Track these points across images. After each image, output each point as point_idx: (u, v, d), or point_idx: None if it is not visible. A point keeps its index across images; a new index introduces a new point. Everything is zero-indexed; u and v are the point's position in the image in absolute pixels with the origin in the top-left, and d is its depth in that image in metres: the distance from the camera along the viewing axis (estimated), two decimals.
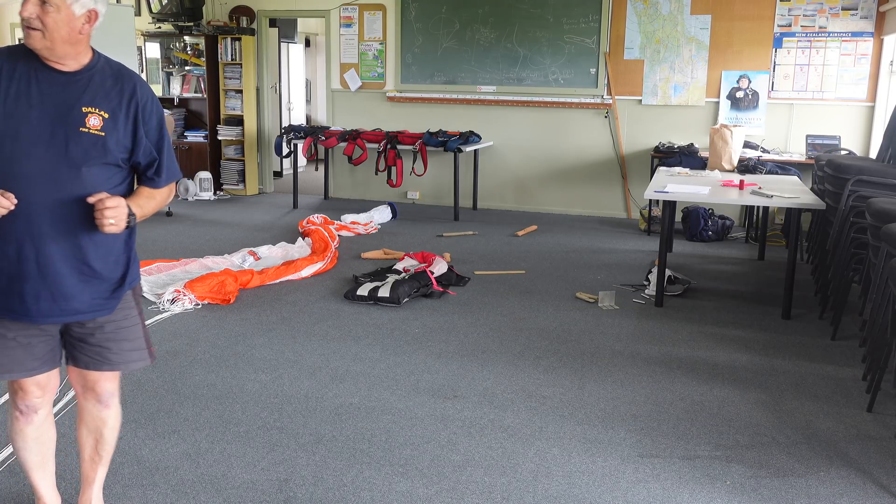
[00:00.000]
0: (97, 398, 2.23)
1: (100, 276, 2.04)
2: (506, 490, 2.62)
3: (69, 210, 1.95)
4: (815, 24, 6.88)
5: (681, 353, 3.94)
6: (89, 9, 1.96)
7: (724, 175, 5.69)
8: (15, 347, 2.04)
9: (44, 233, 1.95)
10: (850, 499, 2.61)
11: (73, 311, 2.03)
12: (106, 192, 1.96)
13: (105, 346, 2.12)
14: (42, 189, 1.92)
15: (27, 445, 2.22)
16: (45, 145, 1.92)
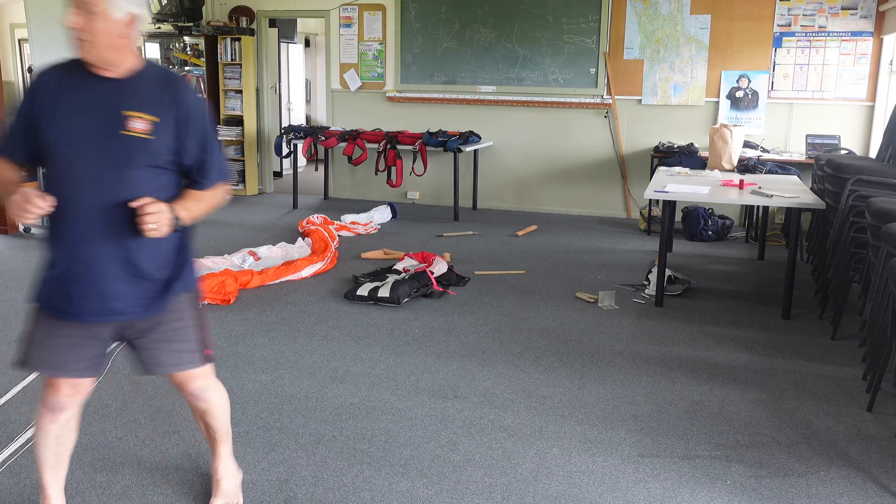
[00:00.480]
0: (190, 395, 2.31)
1: (147, 276, 2.08)
2: (506, 490, 2.62)
3: (117, 213, 2.00)
4: (814, 24, 6.88)
5: (681, 353, 3.94)
6: (129, 13, 2.01)
7: (724, 175, 5.69)
8: (64, 346, 2.08)
9: (93, 235, 2.01)
10: (851, 498, 2.61)
11: (119, 311, 2.07)
12: (153, 194, 2.01)
13: (156, 348, 2.16)
14: (91, 193, 1.99)
15: (47, 443, 2.24)
16: (92, 150, 1.99)
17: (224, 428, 2.44)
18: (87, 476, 2.65)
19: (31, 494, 2.53)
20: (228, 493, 2.49)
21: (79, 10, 1.95)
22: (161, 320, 2.14)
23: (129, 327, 2.12)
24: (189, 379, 2.26)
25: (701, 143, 7.16)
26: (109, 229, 2.01)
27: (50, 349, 2.09)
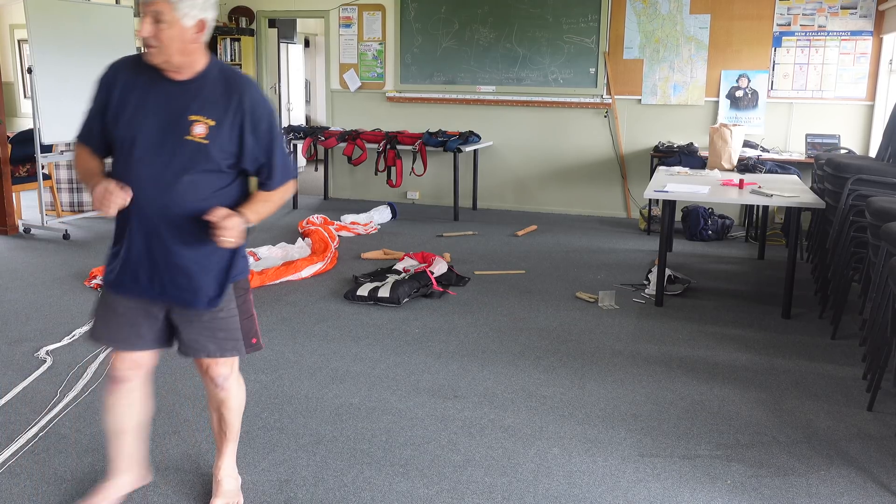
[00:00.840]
0: (212, 381, 2.37)
1: (206, 270, 2.19)
2: (506, 490, 2.62)
3: (176, 213, 2.11)
4: (814, 24, 6.88)
5: (681, 353, 3.94)
6: (199, 19, 2.07)
7: (724, 174, 5.69)
8: (123, 324, 2.24)
9: (155, 230, 2.13)
10: (851, 497, 2.61)
11: (176, 299, 2.20)
12: (214, 196, 2.12)
13: (202, 334, 2.26)
14: (152, 192, 2.10)
15: (111, 411, 2.38)
16: (155, 152, 2.09)
17: (236, 425, 2.49)
18: (87, 477, 2.65)
19: (31, 494, 2.53)
20: (229, 494, 2.50)
21: (150, 19, 2.02)
22: (199, 316, 2.24)
23: (179, 312, 2.24)
24: (214, 365, 2.33)
25: (701, 143, 7.16)
26: (170, 226, 2.12)
27: (109, 325, 2.26)
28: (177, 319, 2.25)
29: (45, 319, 4.29)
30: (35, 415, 3.11)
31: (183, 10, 2.03)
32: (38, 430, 2.97)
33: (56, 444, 2.87)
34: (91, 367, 3.61)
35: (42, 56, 6.18)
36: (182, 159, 2.08)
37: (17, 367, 3.61)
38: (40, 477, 2.64)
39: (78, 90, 6.46)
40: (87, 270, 5.23)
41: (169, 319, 2.27)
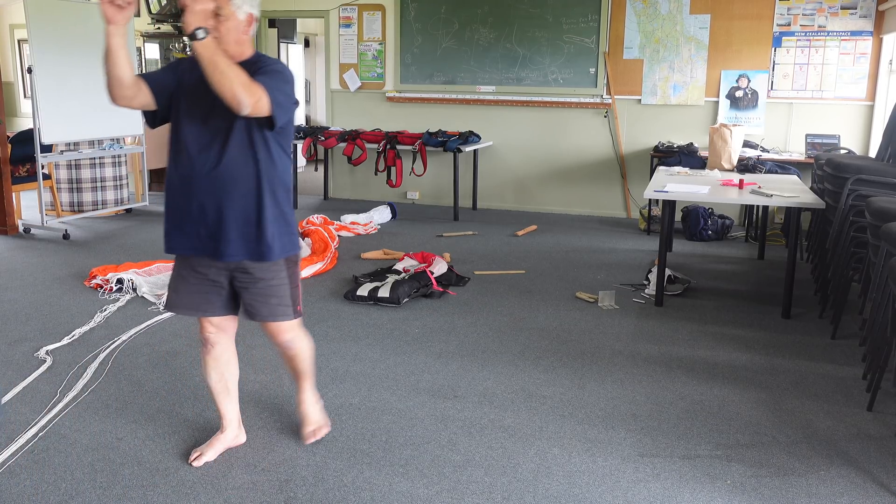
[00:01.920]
0: (280, 345, 2.74)
1: (244, 227, 2.46)
2: (506, 490, 2.62)
3: (218, 173, 2.42)
4: (814, 24, 6.88)
5: (681, 353, 3.94)
6: (248, 13, 2.41)
7: (724, 174, 5.69)
8: (194, 293, 2.58)
9: (202, 191, 2.43)
10: (851, 498, 2.61)
11: (229, 253, 2.47)
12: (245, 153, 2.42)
13: (255, 300, 2.58)
14: (200, 161, 2.42)
15: (208, 371, 2.74)
16: (201, 127, 2.42)
17: (309, 368, 2.88)
18: (86, 476, 2.65)
19: (31, 494, 2.53)
20: (314, 419, 2.93)
21: (201, 14, 2.25)
22: (263, 277, 2.54)
23: (237, 276, 2.55)
24: (280, 331, 2.68)
25: (700, 143, 7.16)
26: (214, 186, 2.42)
27: (183, 295, 2.59)
28: (238, 287, 2.57)
29: (44, 319, 4.29)
30: (35, 414, 3.11)
31: (237, 4, 2.35)
32: (38, 430, 2.97)
33: (56, 444, 2.87)
34: (91, 367, 3.61)
35: (42, 56, 6.18)
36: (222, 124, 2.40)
37: (16, 367, 3.61)
38: (40, 477, 2.64)
39: (78, 90, 6.46)
40: (86, 270, 5.24)
41: (233, 288, 2.59)
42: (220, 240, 2.45)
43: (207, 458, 2.75)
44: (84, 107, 6.52)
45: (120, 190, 7.49)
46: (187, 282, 2.57)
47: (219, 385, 2.76)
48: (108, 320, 4.30)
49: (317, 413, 2.98)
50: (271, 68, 2.40)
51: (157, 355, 3.78)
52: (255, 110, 2.27)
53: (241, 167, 2.42)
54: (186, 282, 2.57)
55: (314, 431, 2.92)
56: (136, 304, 4.60)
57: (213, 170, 2.40)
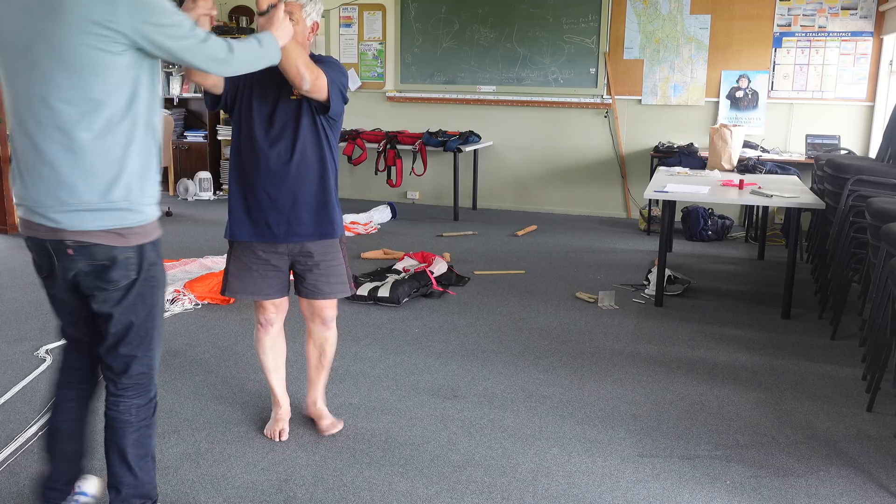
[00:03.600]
0: (322, 322, 2.91)
1: (308, 211, 2.71)
2: (506, 490, 2.62)
3: (285, 162, 2.66)
4: (814, 24, 6.88)
5: (681, 353, 3.94)
6: (314, 21, 2.69)
7: (724, 175, 5.69)
8: (257, 278, 2.77)
9: (270, 179, 2.66)
10: (850, 498, 2.61)
11: (296, 233, 2.71)
12: (309, 137, 2.67)
13: (319, 280, 2.80)
14: (273, 154, 2.65)
15: (265, 351, 2.92)
16: (269, 121, 2.63)
17: (332, 356, 3.02)
18: None
19: (30, 494, 2.53)
20: (328, 416, 3.03)
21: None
22: (324, 259, 2.77)
23: (300, 260, 2.76)
24: (327, 307, 2.87)
25: (701, 143, 7.16)
26: (288, 176, 2.65)
27: (247, 281, 2.77)
28: (301, 270, 2.79)
29: (44, 318, 4.29)
30: (34, 413, 3.11)
31: (307, 11, 2.62)
32: (38, 429, 2.97)
33: None
34: None
35: None
36: (287, 113, 2.63)
37: (16, 366, 3.61)
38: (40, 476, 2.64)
39: None
40: None
41: (289, 271, 2.82)
42: (293, 223, 2.69)
43: (287, 432, 2.95)
44: None
45: None
46: (250, 268, 2.76)
47: (274, 363, 2.95)
48: None
49: (327, 410, 3.08)
50: (330, 61, 2.69)
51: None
52: (315, 87, 2.51)
53: (310, 155, 2.68)
54: (249, 268, 2.76)
55: (333, 424, 3.01)
56: None
57: (287, 162, 2.64)
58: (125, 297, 2.07)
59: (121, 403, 2.15)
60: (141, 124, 2.01)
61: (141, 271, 2.07)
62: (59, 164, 1.95)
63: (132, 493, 2.19)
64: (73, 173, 1.95)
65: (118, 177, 1.98)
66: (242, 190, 2.70)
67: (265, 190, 2.67)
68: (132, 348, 2.13)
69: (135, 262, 2.05)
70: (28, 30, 1.91)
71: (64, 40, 1.88)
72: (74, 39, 1.87)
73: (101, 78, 1.91)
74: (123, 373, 2.15)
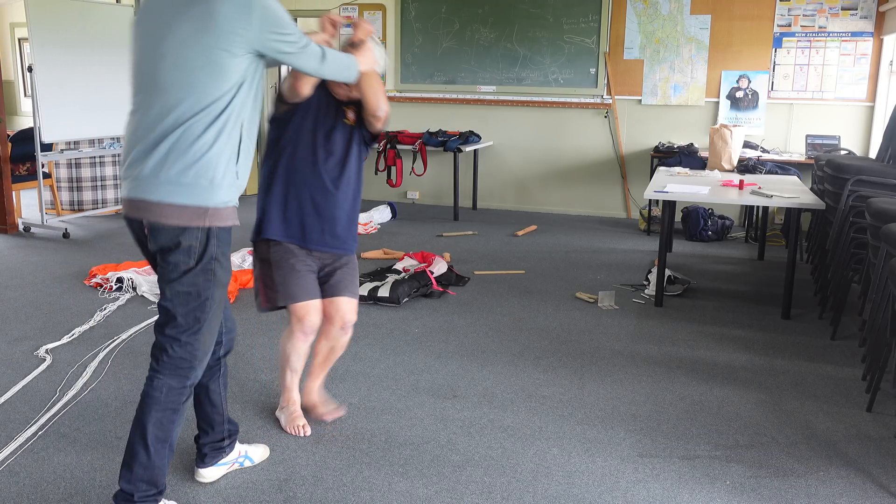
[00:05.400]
0: (342, 325, 2.97)
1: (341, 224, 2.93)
2: (506, 490, 2.62)
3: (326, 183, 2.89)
4: (814, 24, 6.88)
5: (681, 353, 3.94)
6: (381, 73, 2.85)
7: (724, 175, 5.69)
8: (304, 281, 2.87)
9: (324, 194, 2.88)
10: (850, 498, 2.61)
11: (328, 244, 2.90)
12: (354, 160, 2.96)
13: (344, 279, 2.96)
14: (326, 170, 2.88)
15: (299, 356, 2.99)
16: (327, 139, 2.87)
17: (338, 356, 3.13)
18: (87, 476, 2.65)
19: (30, 494, 2.53)
20: (330, 399, 3.16)
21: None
22: (344, 264, 2.97)
23: (325, 266, 2.95)
24: (352, 310, 2.97)
25: (701, 144, 7.16)
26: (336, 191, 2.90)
27: (295, 284, 2.85)
28: (329, 270, 2.95)
29: (44, 318, 4.29)
30: (34, 413, 3.11)
31: (381, 65, 2.79)
32: (38, 429, 2.97)
33: (55, 443, 2.87)
34: (91, 366, 3.61)
35: (42, 55, 6.18)
36: (338, 138, 2.87)
37: (16, 366, 3.61)
38: (40, 476, 2.64)
39: (78, 89, 6.46)
40: (86, 269, 5.24)
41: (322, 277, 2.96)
42: (327, 233, 2.89)
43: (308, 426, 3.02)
44: (84, 106, 6.52)
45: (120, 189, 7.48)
46: (298, 272, 2.87)
47: (299, 366, 3.03)
48: (108, 319, 4.30)
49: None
50: None
51: None
52: (384, 119, 2.80)
53: (352, 175, 2.93)
54: (297, 271, 2.87)
55: (336, 409, 3.13)
56: (135, 303, 4.60)
57: (337, 178, 2.88)
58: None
59: (155, 380, 2.27)
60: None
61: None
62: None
63: (141, 475, 2.24)
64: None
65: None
66: (285, 193, 2.85)
67: (312, 198, 2.86)
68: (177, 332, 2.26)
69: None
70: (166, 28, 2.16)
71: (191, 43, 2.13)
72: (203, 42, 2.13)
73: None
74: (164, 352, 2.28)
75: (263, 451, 2.80)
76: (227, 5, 2.08)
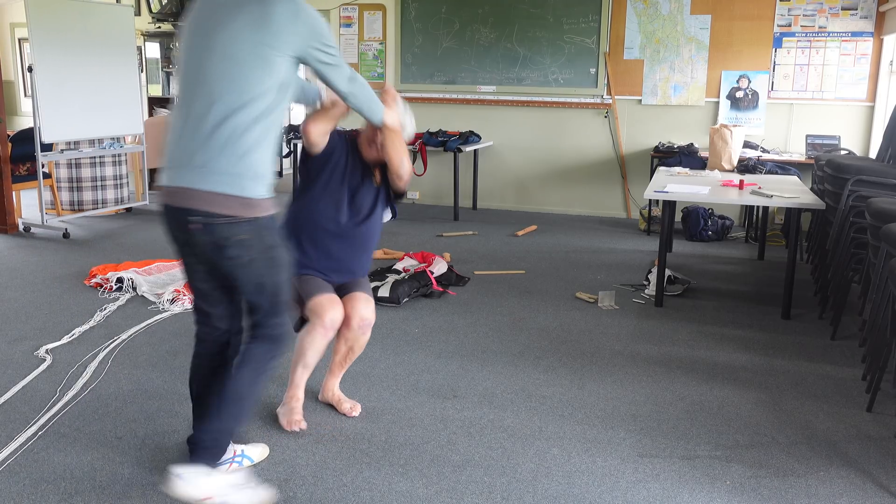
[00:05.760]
0: (360, 323, 3.04)
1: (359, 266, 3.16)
2: (506, 490, 2.62)
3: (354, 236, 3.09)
4: (814, 24, 6.88)
5: (681, 353, 3.94)
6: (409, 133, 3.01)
7: (724, 175, 5.69)
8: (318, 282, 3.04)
9: (337, 247, 3.07)
10: (850, 498, 2.61)
11: (346, 277, 3.13)
12: (375, 223, 3.14)
13: (358, 284, 3.14)
14: (349, 226, 3.06)
15: (316, 352, 3.01)
16: (353, 197, 3.05)
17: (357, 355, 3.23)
18: (86, 476, 2.65)
19: (31, 494, 2.53)
20: (347, 398, 3.24)
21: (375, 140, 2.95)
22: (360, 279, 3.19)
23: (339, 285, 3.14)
24: (368, 310, 3.05)
25: (701, 144, 7.16)
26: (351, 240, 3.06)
27: (315, 285, 3.01)
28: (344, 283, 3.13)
29: (44, 318, 4.29)
30: (34, 413, 3.11)
31: (408, 132, 2.95)
32: (38, 429, 2.97)
33: (55, 443, 2.87)
34: (90, 366, 3.61)
35: (42, 55, 6.18)
36: (366, 202, 3.07)
37: (16, 366, 3.61)
38: (39, 476, 2.64)
39: (78, 89, 6.46)
40: (86, 269, 5.24)
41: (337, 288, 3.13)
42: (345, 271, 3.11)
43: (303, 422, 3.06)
44: (84, 106, 6.52)
45: (120, 189, 7.49)
46: (315, 279, 3.04)
47: (313, 361, 3.06)
48: (108, 319, 4.30)
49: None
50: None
51: (157, 355, 3.78)
52: (407, 179, 2.97)
53: (375, 231, 3.12)
54: (314, 279, 3.04)
55: (354, 405, 3.21)
56: (135, 303, 4.60)
57: (360, 234, 3.06)
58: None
59: (251, 346, 2.51)
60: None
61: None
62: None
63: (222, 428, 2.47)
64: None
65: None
66: (308, 240, 3.03)
67: (335, 249, 3.05)
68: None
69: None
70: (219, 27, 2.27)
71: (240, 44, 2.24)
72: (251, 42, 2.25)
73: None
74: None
75: (262, 451, 2.80)
76: (281, 7, 2.21)
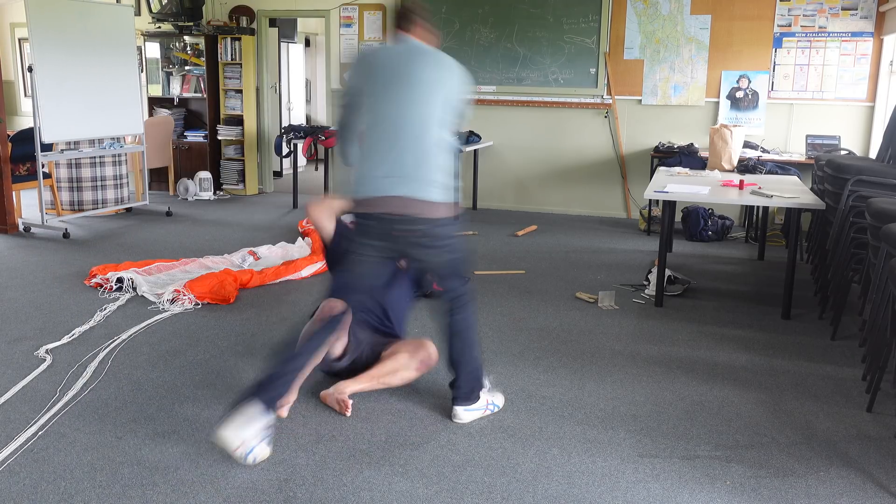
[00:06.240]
0: (430, 362, 3.38)
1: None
2: (506, 490, 2.62)
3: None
4: (814, 24, 6.88)
5: (681, 353, 3.94)
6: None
7: (724, 175, 5.69)
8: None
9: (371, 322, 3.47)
10: (850, 499, 2.61)
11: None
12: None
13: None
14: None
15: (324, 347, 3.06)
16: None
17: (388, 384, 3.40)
18: (86, 475, 2.65)
19: (30, 494, 2.53)
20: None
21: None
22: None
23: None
24: (436, 354, 3.34)
25: (701, 144, 7.16)
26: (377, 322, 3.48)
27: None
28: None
29: (44, 318, 4.29)
30: (34, 413, 3.11)
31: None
32: (38, 429, 2.97)
33: (55, 443, 2.87)
34: (90, 366, 3.61)
35: (42, 55, 6.18)
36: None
37: (16, 366, 3.61)
38: (39, 476, 2.64)
39: (78, 89, 6.47)
40: (86, 269, 5.24)
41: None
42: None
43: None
44: (84, 106, 6.52)
45: (120, 189, 7.49)
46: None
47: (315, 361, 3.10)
48: (108, 319, 4.30)
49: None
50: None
51: (156, 354, 3.78)
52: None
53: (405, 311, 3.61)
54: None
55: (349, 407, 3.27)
56: (135, 303, 4.60)
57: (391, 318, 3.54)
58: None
59: (464, 311, 3.10)
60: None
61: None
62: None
63: (474, 374, 3.15)
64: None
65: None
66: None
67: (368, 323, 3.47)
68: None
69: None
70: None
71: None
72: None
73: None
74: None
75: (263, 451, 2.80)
76: (458, 73, 2.97)
